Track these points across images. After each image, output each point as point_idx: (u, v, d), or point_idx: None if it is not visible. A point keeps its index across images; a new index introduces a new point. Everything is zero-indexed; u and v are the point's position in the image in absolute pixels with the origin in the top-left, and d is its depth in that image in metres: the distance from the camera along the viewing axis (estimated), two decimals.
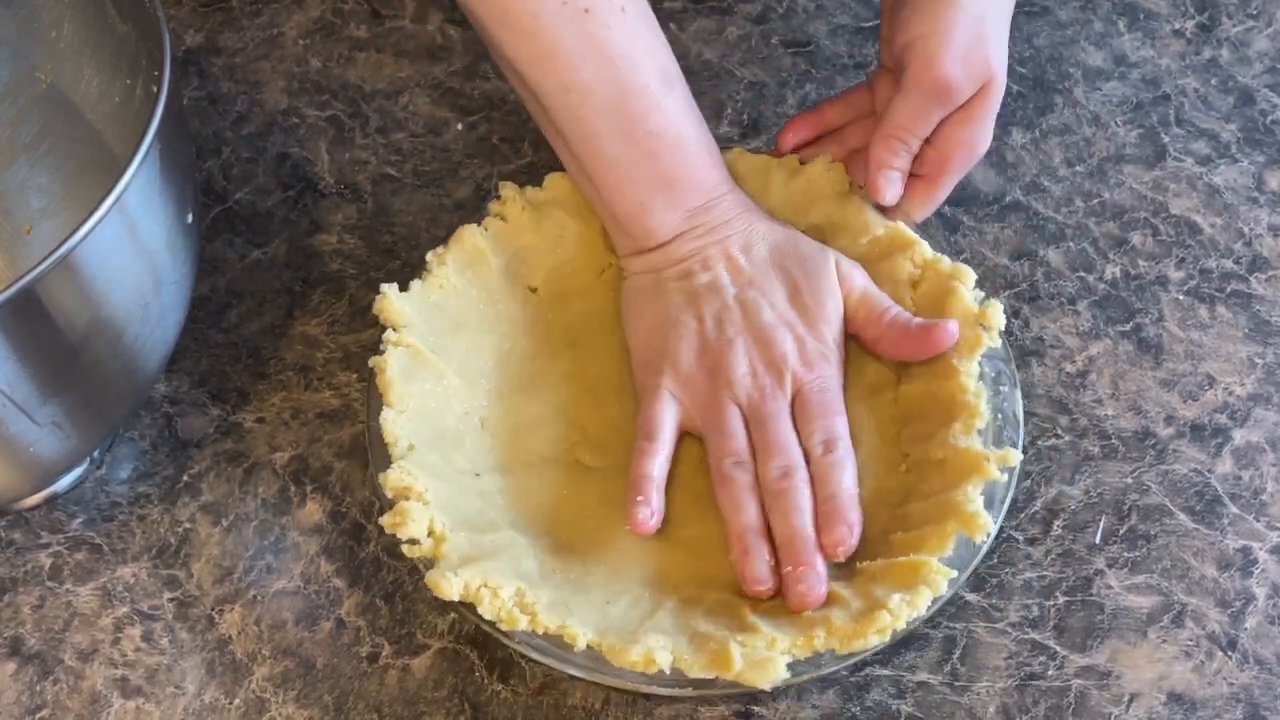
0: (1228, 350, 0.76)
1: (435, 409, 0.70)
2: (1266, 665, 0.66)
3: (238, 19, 0.92)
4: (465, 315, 0.73)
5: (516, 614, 0.63)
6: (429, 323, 0.72)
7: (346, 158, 0.85)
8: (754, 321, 0.70)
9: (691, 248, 0.72)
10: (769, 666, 0.62)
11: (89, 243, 0.57)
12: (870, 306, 0.72)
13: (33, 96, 0.74)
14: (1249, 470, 0.72)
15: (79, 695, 0.67)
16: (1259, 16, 0.90)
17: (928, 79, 0.71)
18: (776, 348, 0.69)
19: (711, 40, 0.89)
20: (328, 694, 0.66)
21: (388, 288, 0.71)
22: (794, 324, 0.70)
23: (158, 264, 0.64)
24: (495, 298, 0.74)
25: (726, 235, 0.72)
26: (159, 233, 0.63)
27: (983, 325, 0.71)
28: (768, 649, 0.63)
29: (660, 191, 0.71)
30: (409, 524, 0.65)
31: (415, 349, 0.70)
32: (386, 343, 0.70)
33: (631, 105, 0.69)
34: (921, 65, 0.71)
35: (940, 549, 0.65)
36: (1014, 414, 0.70)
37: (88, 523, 0.72)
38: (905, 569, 0.65)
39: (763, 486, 0.67)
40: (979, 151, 0.74)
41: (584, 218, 0.76)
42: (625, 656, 0.62)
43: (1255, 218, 0.80)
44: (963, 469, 0.67)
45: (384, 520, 0.65)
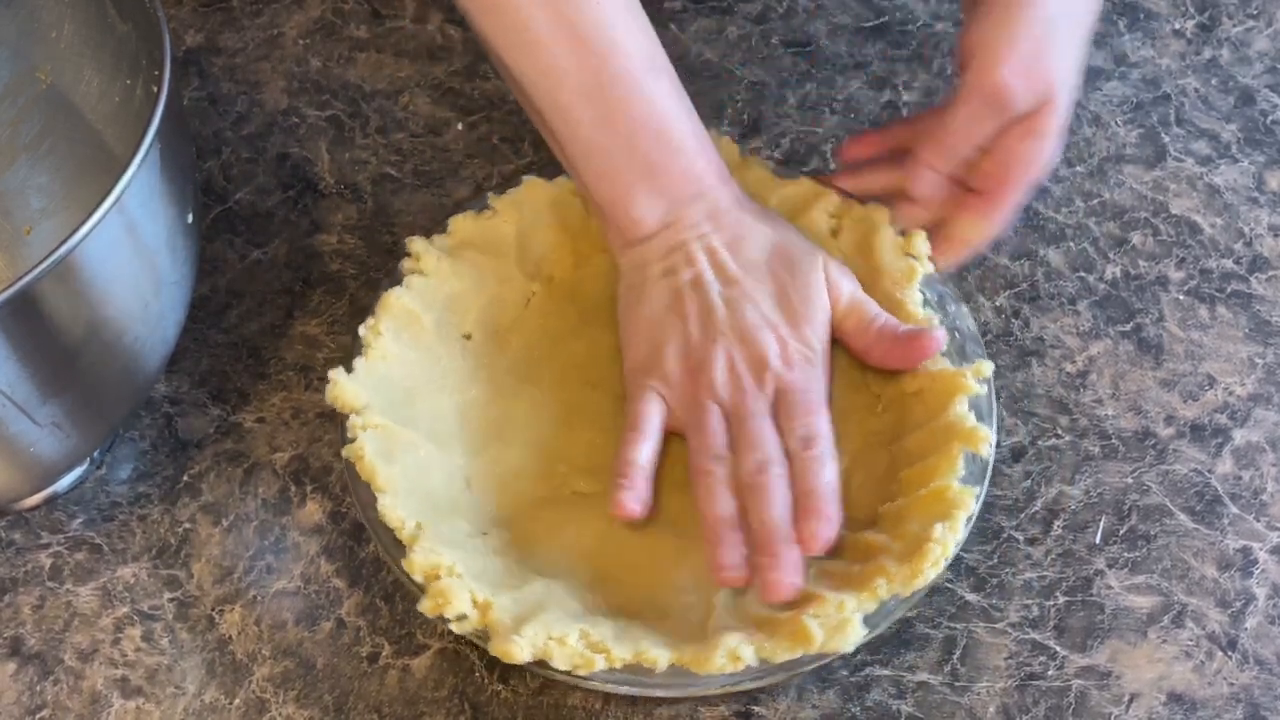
0: (1228, 350, 0.76)
1: (422, 481, 0.68)
2: (1267, 665, 0.66)
3: (238, 19, 0.92)
4: (414, 380, 0.71)
5: (590, 655, 0.62)
6: (384, 397, 0.69)
7: (346, 158, 0.85)
8: (738, 321, 0.70)
9: (676, 241, 0.71)
10: (847, 628, 0.62)
11: (89, 243, 0.57)
12: (859, 315, 0.71)
13: (33, 97, 0.74)
14: (1249, 470, 0.72)
15: (79, 695, 0.67)
16: (1259, 16, 0.90)
17: (986, 83, 0.69)
18: (759, 348, 0.69)
19: (711, 40, 0.89)
20: (328, 694, 0.66)
21: (335, 374, 0.69)
22: (778, 325, 0.70)
23: (158, 264, 0.64)
24: (436, 355, 0.72)
25: (713, 230, 0.71)
26: (159, 233, 0.63)
27: (911, 255, 0.73)
28: (839, 612, 0.63)
29: (643, 180, 0.70)
30: (452, 602, 0.63)
31: (385, 427, 0.68)
32: (354, 429, 0.68)
33: (609, 90, 0.69)
34: (980, 69, 0.69)
35: (952, 471, 0.66)
36: (969, 329, 0.72)
37: (88, 523, 0.72)
38: (930, 500, 0.65)
39: (739, 480, 0.67)
40: (1042, 170, 0.72)
41: (496, 252, 0.75)
42: (710, 663, 0.62)
43: (1255, 218, 0.80)
44: (942, 392, 0.68)
45: (423, 606, 0.63)
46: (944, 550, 0.64)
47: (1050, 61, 0.69)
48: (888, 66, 0.88)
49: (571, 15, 0.68)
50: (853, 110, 0.86)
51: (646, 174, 0.70)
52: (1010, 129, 0.71)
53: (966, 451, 0.67)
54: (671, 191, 0.71)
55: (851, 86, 0.87)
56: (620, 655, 0.62)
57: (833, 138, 0.84)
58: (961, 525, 0.65)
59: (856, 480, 0.69)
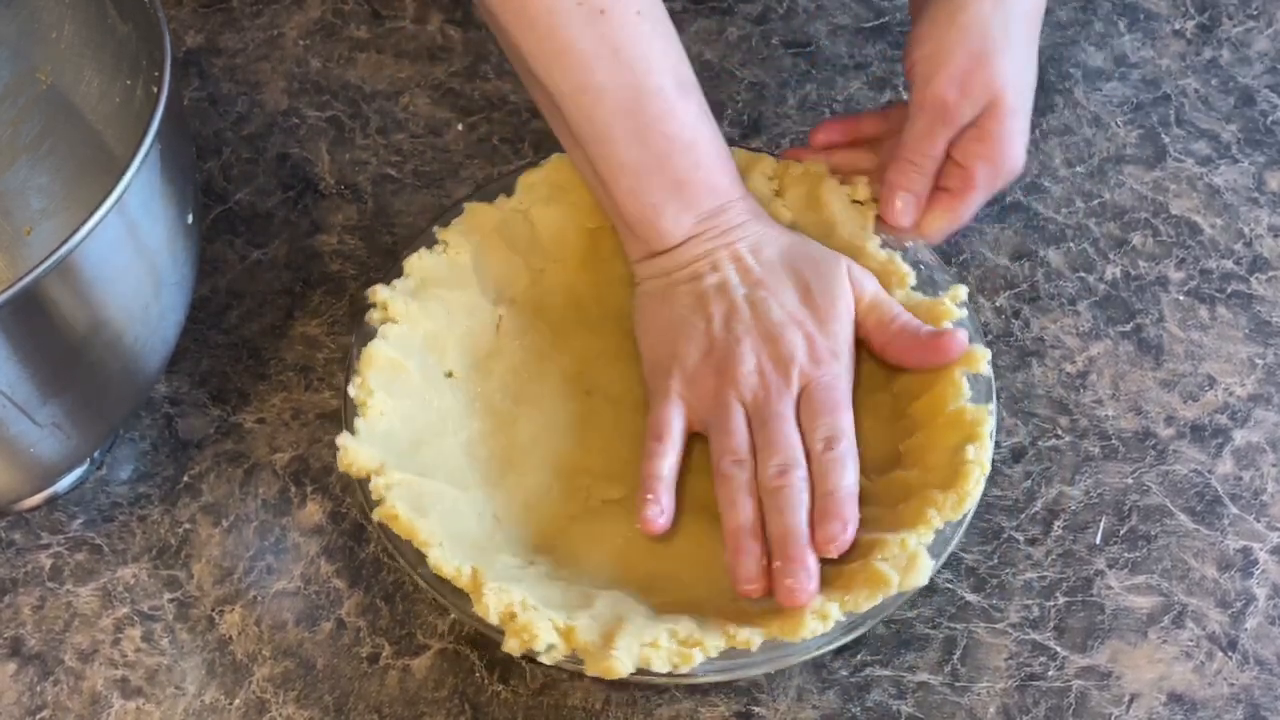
0: (1228, 351, 0.76)
1: (457, 526, 0.68)
2: (1267, 666, 0.66)
3: (238, 19, 0.92)
4: (414, 428, 0.71)
5: (687, 651, 0.62)
6: (393, 451, 0.69)
7: (347, 158, 0.85)
8: (763, 320, 0.70)
9: (702, 250, 0.72)
10: (918, 562, 0.64)
11: (89, 243, 0.57)
12: (880, 312, 0.71)
13: (33, 97, 0.74)
14: (1249, 471, 0.72)
15: (79, 696, 0.67)
16: (1259, 17, 0.90)
17: (925, 99, 0.73)
18: (785, 345, 0.69)
19: (711, 40, 0.89)
20: (328, 694, 0.66)
21: (342, 439, 0.68)
22: (804, 322, 0.70)
23: (158, 265, 0.64)
24: (427, 398, 0.72)
25: (737, 239, 0.72)
26: (159, 233, 0.63)
27: (858, 201, 0.76)
28: (903, 550, 0.64)
29: (673, 195, 0.71)
30: (538, 635, 0.62)
31: (407, 482, 0.67)
32: (378, 491, 0.67)
33: (646, 108, 0.69)
34: (920, 86, 0.73)
35: (959, 394, 0.68)
36: (930, 259, 0.74)
37: (88, 523, 0.72)
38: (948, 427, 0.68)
39: (760, 484, 0.67)
40: (1006, 168, 0.74)
41: (458, 284, 0.74)
42: (802, 628, 0.62)
43: (1255, 218, 0.80)
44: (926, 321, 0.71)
45: (509, 647, 0.62)
46: (982, 469, 0.65)
47: (988, 69, 0.72)
48: (888, 67, 0.88)
49: (612, 35, 0.68)
50: (853, 110, 0.86)
51: (676, 189, 0.71)
52: (966, 134, 0.74)
53: (968, 374, 0.68)
54: (699, 205, 0.72)
55: (851, 87, 0.87)
56: (714, 644, 0.62)
57: None
58: (989, 442, 0.66)
59: (865, 425, 0.69)
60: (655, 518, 0.67)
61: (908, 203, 0.75)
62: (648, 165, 0.70)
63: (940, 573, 0.68)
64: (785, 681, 0.66)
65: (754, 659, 0.63)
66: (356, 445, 0.68)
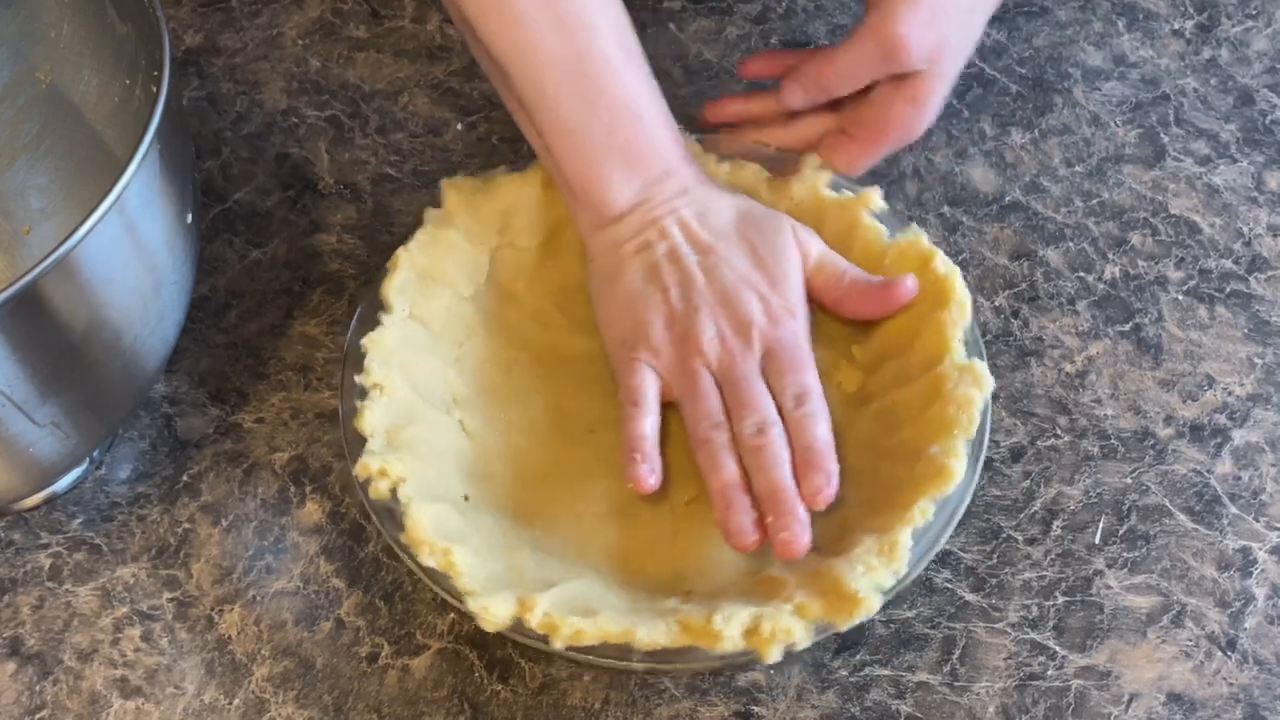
0: (1227, 350, 0.76)
1: (428, 437, 0.69)
2: (1266, 665, 0.66)
3: (237, 19, 0.92)
4: (434, 339, 0.72)
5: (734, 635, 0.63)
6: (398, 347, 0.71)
7: (346, 158, 0.85)
8: (718, 285, 0.70)
9: (649, 218, 0.72)
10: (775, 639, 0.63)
11: (88, 243, 0.57)
12: (828, 270, 0.72)
13: (33, 97, 0.74)
14: (1248, 470, 0.72)
15: (79, 695, 0.67)
16: (1259, 16, 0.90)
17: (884, 33, 0.72)
18: (742, 308, 0.70)
19: (711, 40, 0.89)
20: (327, 694, 0.67)
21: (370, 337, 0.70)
22: (757, 284, 0.71)
23: (157, 264, 0.64)
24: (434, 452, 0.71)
25: (683, 205, 0.72)
26: (158, 233, 0.63)
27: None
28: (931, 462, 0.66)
29: (619, 161, 0.72)
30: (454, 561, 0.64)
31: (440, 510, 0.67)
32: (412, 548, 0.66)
33: (591, 74, 0.70)
34: (881, 17, 0.72)
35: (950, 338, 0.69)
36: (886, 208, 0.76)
37: (87, 523, 0.72)
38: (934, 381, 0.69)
39: (740, 444, 0.67)
40: (915, 133, 0.76)
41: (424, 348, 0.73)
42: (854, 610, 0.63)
43: (1255, 218, 0.80)
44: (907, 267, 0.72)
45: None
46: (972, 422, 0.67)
47: (949, 26, 0.72)
48: None
49: (558, 2, 0.69)
50: None
51: (622, 154, 0.72)
52: (895, 88, 0.74)
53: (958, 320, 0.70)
54: (644, 171, 0.72)
55: None
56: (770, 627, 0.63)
57: None
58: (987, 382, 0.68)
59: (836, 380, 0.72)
60: (646, 476, 0.67)
61: (798, 95, 0.76)
62: (594, 131, 0.71)
63: (939, 572, 0.68)
64: (785, 681, 0.66)
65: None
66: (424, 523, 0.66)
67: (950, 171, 0.83)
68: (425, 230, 0.75)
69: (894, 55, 0.72)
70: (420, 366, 0.71)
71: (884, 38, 0.72)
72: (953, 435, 0.67)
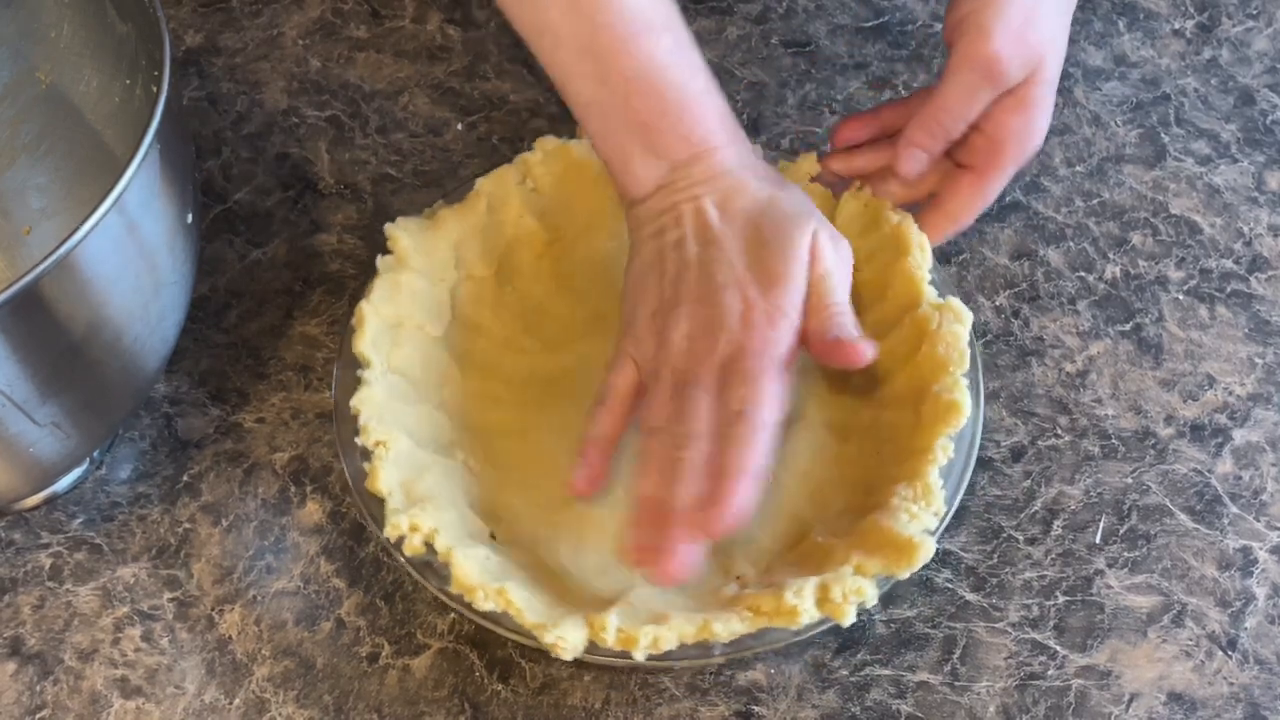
0: (1228, 350, 0.76)
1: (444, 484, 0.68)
2: (1266, 665, 0.66)
3: (238, 19, 0.92)
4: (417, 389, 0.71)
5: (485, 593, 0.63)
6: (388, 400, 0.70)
7: (346, 158, 0.85)
8: (707, 282, 0.68)
9: (669, 202, 0.70)
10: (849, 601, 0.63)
11: (89, 243, 0.57)
12: (818, 293, 0.69)
13: (33, 97, 0.74)
14: (1249, 470, 0.72)
15: (79, 695, 0.67)
16: (1259, 16, 0.90)
17: (977, 56, 0.69)
18: (719, 309, 0.67)
19: (711, 40, 0.89)
20: (328, 694, 0.66)
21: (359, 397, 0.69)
22: (748, 285, 0.68)
23: (158, 264, 0.64)
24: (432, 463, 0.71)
25: (705, 192, 0.70)
26: (159, 233, 0.63)
27: None
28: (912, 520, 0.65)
29: (638, 138, 0.70)
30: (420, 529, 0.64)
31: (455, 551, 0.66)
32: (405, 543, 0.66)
33: (601, 47, 0.68)
34: (971, 40, 0.69)
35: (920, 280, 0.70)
36: None
37: (88, 523, 0.72)
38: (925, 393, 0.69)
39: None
40: (1034, 143, 0.72)
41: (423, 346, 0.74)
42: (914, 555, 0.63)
43: (1255, 218, 0.80)
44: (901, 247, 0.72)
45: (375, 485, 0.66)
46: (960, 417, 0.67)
47: (1038, 30, 0.70)
48: (888, 66, 0.88)
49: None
50: (852, 110, 0.86)
51: (641, 133, 0.70)
52: (999, 103, 0.71)
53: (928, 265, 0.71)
54: (669, 153, 0.70)
55: (851, 86, 0.87)
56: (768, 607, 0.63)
57: None
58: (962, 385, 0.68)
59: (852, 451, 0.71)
60: (579, 479, 0.68)
61: (918, 158, 0.73)
62: (612, 106, 0.69)
63: (940, 572, 0.68)
64: (785, 681, 0.66)
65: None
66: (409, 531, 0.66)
67: None
68: (383, 279, 0.73)
69: (995, 75, 0.69)
70: (412, 416, 0.70)
71: (980, 61, 0.69)
72: (949, 372, 0.68)
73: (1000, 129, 0.71)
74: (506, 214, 0.77)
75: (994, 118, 0.71)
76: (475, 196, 0.76)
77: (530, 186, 0.77)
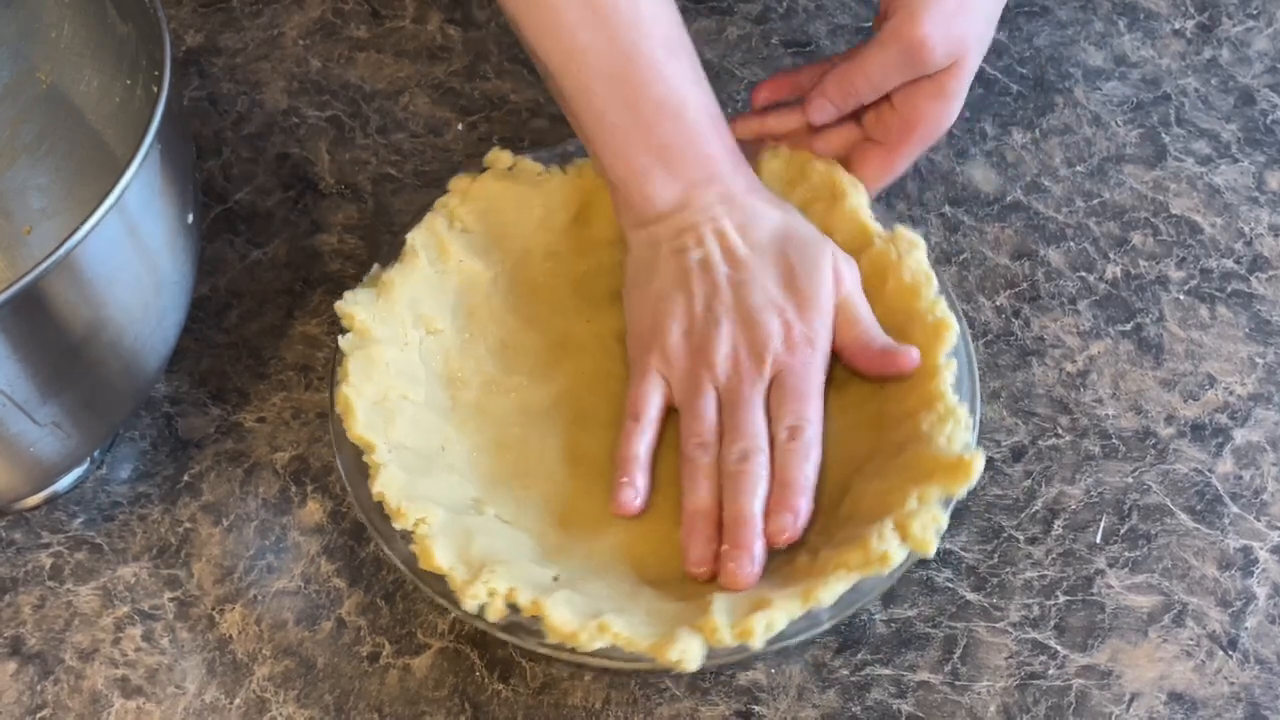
0: (1228, 350, 0.76)
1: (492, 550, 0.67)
2: (1267, 665, 0.66)
3: (238, 19, 0.92)
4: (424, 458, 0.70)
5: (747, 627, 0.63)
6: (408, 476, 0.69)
7: (347, 158, 0.85)
8: (743, 304, 0.70)
9: (688, 222, 0.71)
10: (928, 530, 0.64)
11: (89, 243, 0.57)
12: (847, 312, 0.71)
13: (33, 97, 0.74)
14: (1250, 470, 0.72)
15: (79, 695, 0.67)
16: (1259, 16, 0.90)
17: (905, 35, 0.71)
18: (762, 330, 0.69)
19: (711, 40, 0.89)
20: (328, 694, 0.67)
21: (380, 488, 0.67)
22: (784, 308, 0.70)
23: (158, 264, 0.64)
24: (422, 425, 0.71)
25: (724, 213, 0.71)
26: (159, 233, 0.63)
27: None
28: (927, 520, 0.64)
29: (659, 160, 0.71)
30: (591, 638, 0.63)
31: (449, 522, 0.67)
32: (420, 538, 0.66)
33: (631, 72, 0.70)
34: (902, 20, 0.71)
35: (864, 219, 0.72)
36: None
37: (88, 523, 0.72)
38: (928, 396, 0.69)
39: (721, 469, 0.68)
40: (943, 128, 0.75)
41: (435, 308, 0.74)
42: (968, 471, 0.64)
43: (1255, 218, 0.80)
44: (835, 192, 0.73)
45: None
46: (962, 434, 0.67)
47: (967, 21, 0.71)
48: None
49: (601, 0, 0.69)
50: None
51: (662, 155, 0.71)
52: (917, 85, 0.73)
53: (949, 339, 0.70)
54: (686, 174, 0.71)
55: None
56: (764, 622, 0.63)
57: None
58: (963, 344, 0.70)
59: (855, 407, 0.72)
60: (629, 500, 0.68)
61: (827, 110, 0.75)
62: (634, 129, 0.70)
63: (940, 571, 0.68)
64: (785, 680, 0.66)
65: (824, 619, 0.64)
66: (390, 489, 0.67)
67: (951, 171, 0.83)
68: (354, 359, 0.71)
69: (918, 59, 0.71)
70: (433, 487, 0.69)
71: (906, 42, 0.71)
72: (922, 295, 0.70)
73: (914, 111, 0.74)
74: (447, 262, 0.75)
75: (911, 100, 0.73)
76: (410, 252, 0.74)
77: (459, 228, 0.76)
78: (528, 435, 0.73)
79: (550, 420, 0.73)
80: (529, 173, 0.78)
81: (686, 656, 0.62)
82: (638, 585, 0.67)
